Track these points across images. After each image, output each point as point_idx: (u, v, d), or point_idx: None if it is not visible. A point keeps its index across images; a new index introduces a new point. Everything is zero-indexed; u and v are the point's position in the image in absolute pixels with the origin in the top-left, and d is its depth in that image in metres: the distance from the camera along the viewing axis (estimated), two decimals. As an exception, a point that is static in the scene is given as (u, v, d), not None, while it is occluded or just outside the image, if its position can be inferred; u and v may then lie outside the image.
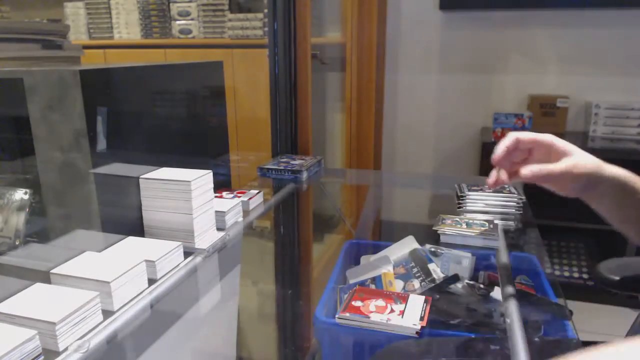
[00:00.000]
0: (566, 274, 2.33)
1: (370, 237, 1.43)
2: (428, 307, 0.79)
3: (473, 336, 0.76)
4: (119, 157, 0.93)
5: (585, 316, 0.78)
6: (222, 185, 1.24)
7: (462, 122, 2.58)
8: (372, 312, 0.79)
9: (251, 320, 1.09)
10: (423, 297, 0.82)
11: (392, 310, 0.79)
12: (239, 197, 1.15)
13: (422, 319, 0.76)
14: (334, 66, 2.62)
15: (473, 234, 1.05)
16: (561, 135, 2.56)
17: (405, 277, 0.92)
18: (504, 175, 0.73)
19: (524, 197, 1.22)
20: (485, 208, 1.21)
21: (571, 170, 0.68)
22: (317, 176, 1.64)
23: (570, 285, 2.27)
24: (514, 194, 1.22)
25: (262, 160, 1.63)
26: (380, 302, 0.82)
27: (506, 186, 1.27)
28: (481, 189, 1.26)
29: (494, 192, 1.23)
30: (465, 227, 1.08)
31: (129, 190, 0.89)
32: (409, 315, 0.77)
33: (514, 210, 1.18)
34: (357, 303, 0.81)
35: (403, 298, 0.82)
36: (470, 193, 1.23)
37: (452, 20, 2.47)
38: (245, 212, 1.14)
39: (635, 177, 0.70)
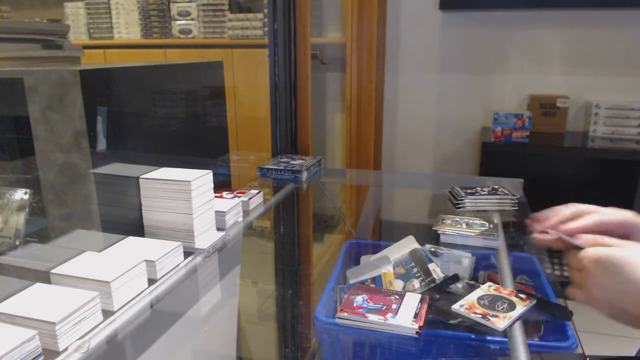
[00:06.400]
0: (566, 274, 2.32)
1: (370, 237, 1.43)
2: (425, 306, 0.79)
3: (473, 336, 0.76)
4: (119, 157, 0.93)
5: (585, 316, 0.78)
6: (222, 185, 1.24)
7: (462, 122, 2.58)
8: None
9: (251, 320, 1.09)
10: (419, 296, 0.82)
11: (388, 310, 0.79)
12: (239, 197, 1.15)
13: (416, 316, 0.76)
14: (334, 66, 2.62)
15: (473, 234, 1.05)
16: (561, 135, 2.54)
17: (405, 277, 0.92)
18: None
19: (517, 195, 1.27)
20: (483, 207, 1.25)
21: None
22: (317, 176, 1.64)
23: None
24: (507, 194, 1.27)
25: (262, 160, 1.63)
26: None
27: (498, 187, 1.32)
28: (476, 191, 1.28)
29: (488, 194, 1.27)
30: (465, 227, 1.08)
31: (129, 190, 0.89)
32: (403, 313, 0.77)
33: (509, 207, 1.25)
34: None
35: (399, 296, 0.82)
36: (466, 196, 1.26)
37: (452, 20, 2.47)
38: (245, 212, 1.14)
39: None
